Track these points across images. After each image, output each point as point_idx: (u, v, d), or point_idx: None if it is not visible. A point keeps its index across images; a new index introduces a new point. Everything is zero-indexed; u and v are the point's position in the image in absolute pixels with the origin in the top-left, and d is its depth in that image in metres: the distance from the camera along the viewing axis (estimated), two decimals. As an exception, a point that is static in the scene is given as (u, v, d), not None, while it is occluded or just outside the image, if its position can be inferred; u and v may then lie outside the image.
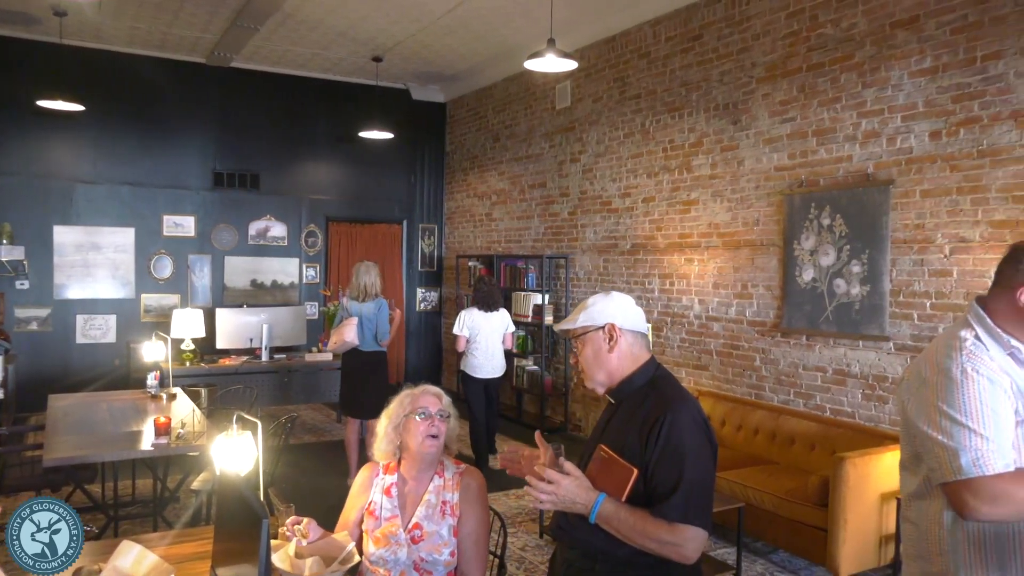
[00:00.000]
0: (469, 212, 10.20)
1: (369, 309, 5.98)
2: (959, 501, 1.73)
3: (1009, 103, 4.29)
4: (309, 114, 9.79)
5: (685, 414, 1.95)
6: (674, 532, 1.88)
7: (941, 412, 1.77)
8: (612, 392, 2.12)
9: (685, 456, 1.91)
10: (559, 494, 1.95)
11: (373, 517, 2.49)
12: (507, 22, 7.64)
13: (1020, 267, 1.82)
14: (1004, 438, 1.72)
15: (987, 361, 1.79)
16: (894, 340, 4.89)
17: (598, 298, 2.17)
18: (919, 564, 1.92)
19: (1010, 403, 1.76)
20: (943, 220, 4.63)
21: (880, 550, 4.28)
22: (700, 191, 6.42)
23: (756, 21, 5.88)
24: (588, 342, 2.11)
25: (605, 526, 1.94)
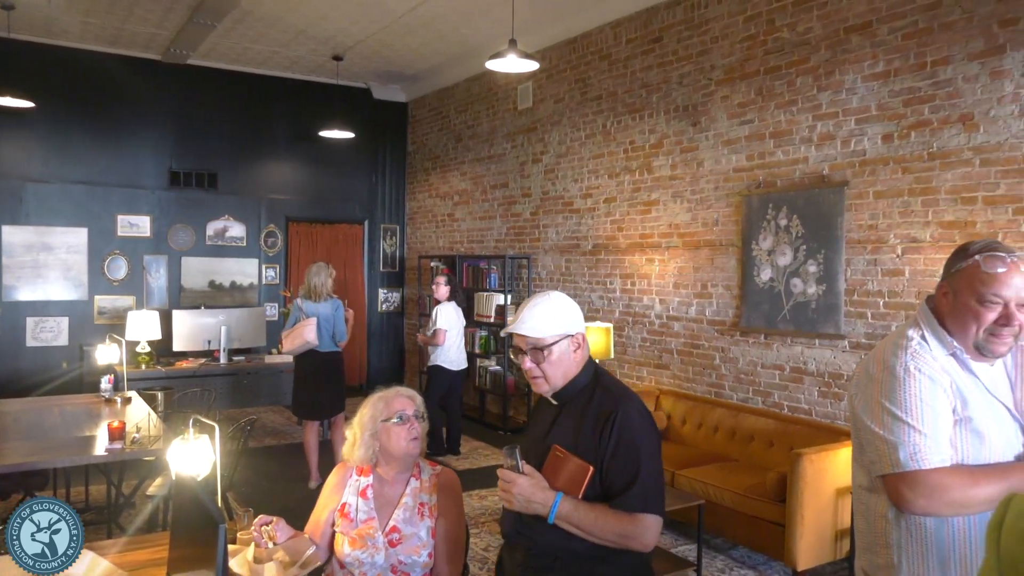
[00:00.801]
0: (431, 212, 10.17)
1: (326, 309, 5.98)
2: (896, 494, 1.79)
3: (957, 107, 4.42)
4: (268, 113, 9.66)
5: (634, 409, 2.04)
6: (635, 522, 1.96)
7: (883, 408, 1.83)
8: (558, 394, 2.13)
9: (640, 449, 1.99)
10: (515, 492, 1.98)
11: (347, 519, 2.47)
12: (468, 22, 7.63)
13: (948, 265, 1.90)
14: (941, 434, 1.78)
15: (930, 360, 1.84)
16: (849, 338, 5.00)
17: (560, 303, 2.14)
18: (868, 556, 1.98)
19: (949, 402, 1.81)
20: (895, 221, 4.74)
21: (836, 544, 4.37)
22: (660, 192, 6.48)
23: (715, 24, 5.96)
24: (558, 350, 2.09)
25: (564, 524, 1.98)
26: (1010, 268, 1.78)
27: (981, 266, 1.80)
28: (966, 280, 1.82)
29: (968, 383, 1.85)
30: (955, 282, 1.85)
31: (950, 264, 1.90)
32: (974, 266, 1.81)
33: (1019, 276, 1.79)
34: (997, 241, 1.90)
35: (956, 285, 1.85)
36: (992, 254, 1.81)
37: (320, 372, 5.99)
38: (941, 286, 1.90)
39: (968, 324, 1.82)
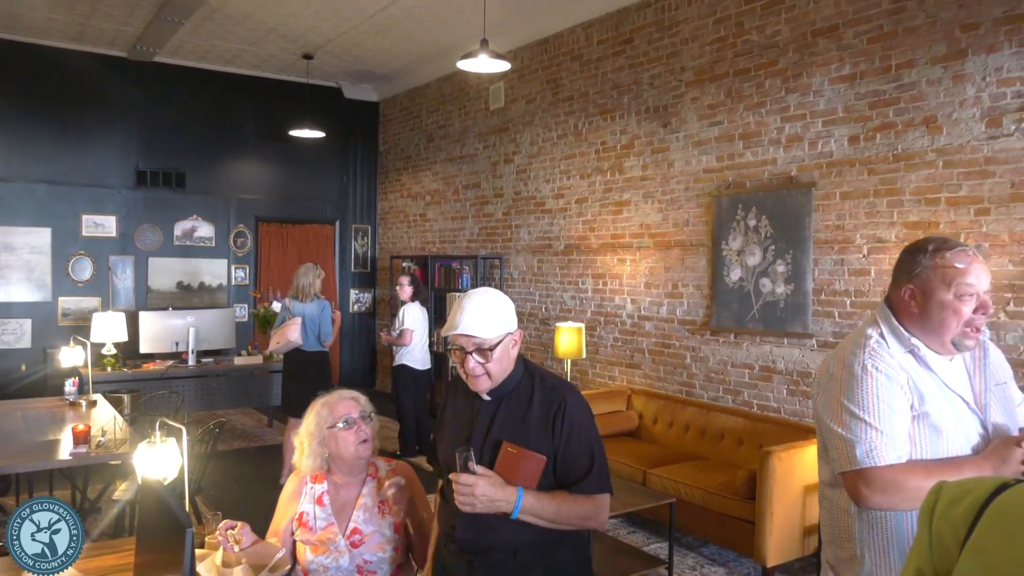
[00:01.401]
0: (403, 212, 10.13)
1: (312, 310, 6.11)
2: (854, 490, 1.84)
3: (921, 110, 4.50)
4: (237, 111, 9.56)
5: (578, 397, 2.14)
6: (595, 503, 2.08)
7: (842, 406, 1.88)
8: (492, 390, 2.11)
9: (591, 436, 2.11)
10: (478, 495, 1.97)
11: (306, 528, 2.44)
12: (440, 22, 7.61)
13: (905, 266, 1.93)
14: (897, 431, 1.82)
15: (887, 358, 1.88)
16: (817, 337, 5.07)
17: (497, 299, 2.11)
18: (833, 549, 2.03)
19: (906, 399, 1.85)
20: (861, 221, 4.82)
21: (804, 540, 4.42)
22: (632, 192, 6.52)
23: (685, 26, 6.01)
24: (501, 349, 2.06)
25: (529, 517, 2.01)
26: (973, 259, 1.85)
27: (950, 261, 1.84)
28: (938, 278, 1.85)
29: (926, 379, 1.89)
30: (924, 282, 1.87)
31: (908, 265, 1.91)
32: (942, 263, 1.85)
33: (981, 266, 1.86)
34: (946, 237, 1.95)
35: (926, 285, 1.87)
36: (958, 248, 1.86)
37: (306, 371, 6.11)
38: (905, 291, 1.91)
39: (948, 320, 1.85)
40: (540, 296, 7.61)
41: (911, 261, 1.91)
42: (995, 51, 4.17)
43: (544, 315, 7.56)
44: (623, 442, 5.81)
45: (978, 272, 1.84)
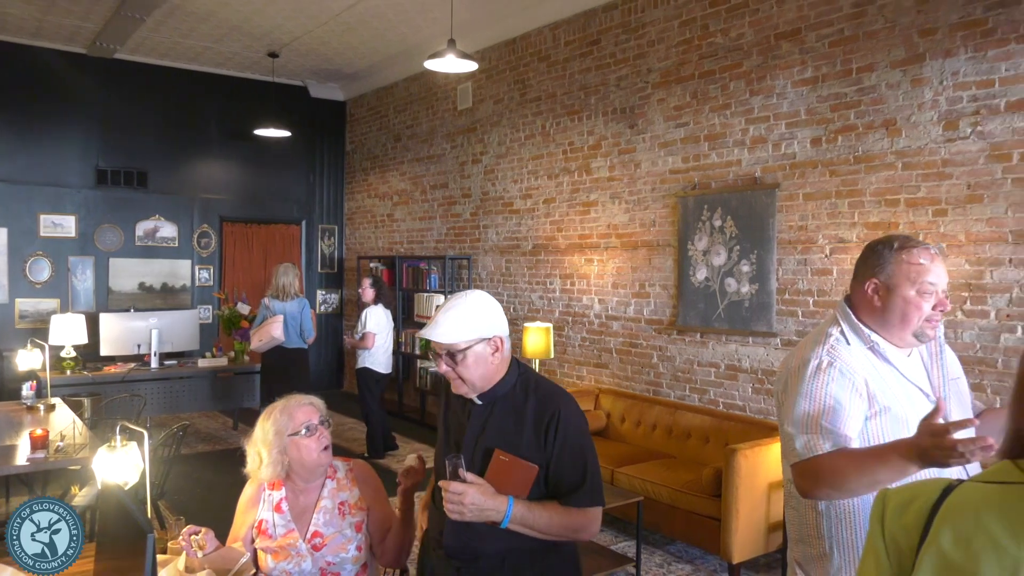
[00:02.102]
0: (370, 213, 10.06)
1: (293, 308, 6.42)
2: (797, 482, 1.89)
3: (881, 113, 4.59)
4: (201, 110, 9.42)
5: (573, 407, 2.07)
6: (586, 516, 2.02)
7: (793, 401, 1.92)
8: (484, 394, 2.08)
9: (585, 447, 2.04)
10: (468, 503, 1.92)
11: (265, 535, 2.41)
12: (407, 21, 7.58)
13: (869, 262, 1.98)
14: (840, 427, 1.85)
15: (845, 356, 1.93)
16: (781, 336, 5.14)
17: (475, 306, 2.06)
18: (801, 547, 2.04)
19: (859, 396, 1.89)
20: (824, 222, 4.90)
21: (769, 536, 4.48)
22: (599, 193, 6.55)
23: (651, 28, 6.05)
24: (472, 355, 2.02)
25: (518, 527, 1.97)
26: (935, 258, 1.92)
27: (914, 259, 1.90)
28: (901, 275, 1.91)
29: (887, 373, 1.93)
30: (889, 277, 1.92)
31: (872, 262, 1.96)
32: (907, 260, 1.91)
33: (941, 265, 1.93)
34: (908, 236, 2.00)
35: (890, 282, 1.92)
36: (923, 247, 1.93)
37: (287, 366, 6.40)
38: (869, 285, 1.96)
39: (910, 315, 1.91)
40: (508, 296, 7.61)
41: (876, 257, 1.96)
42: (951, 56, 4.27)
43: (512, 315, 7.56)
44: (591, 441, 5.82)
45: (939, 271, 1.91)
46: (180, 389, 7.53)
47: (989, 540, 1.13)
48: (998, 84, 4.09)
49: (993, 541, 1.13)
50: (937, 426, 1.59)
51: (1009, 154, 4.05)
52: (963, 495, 1.20)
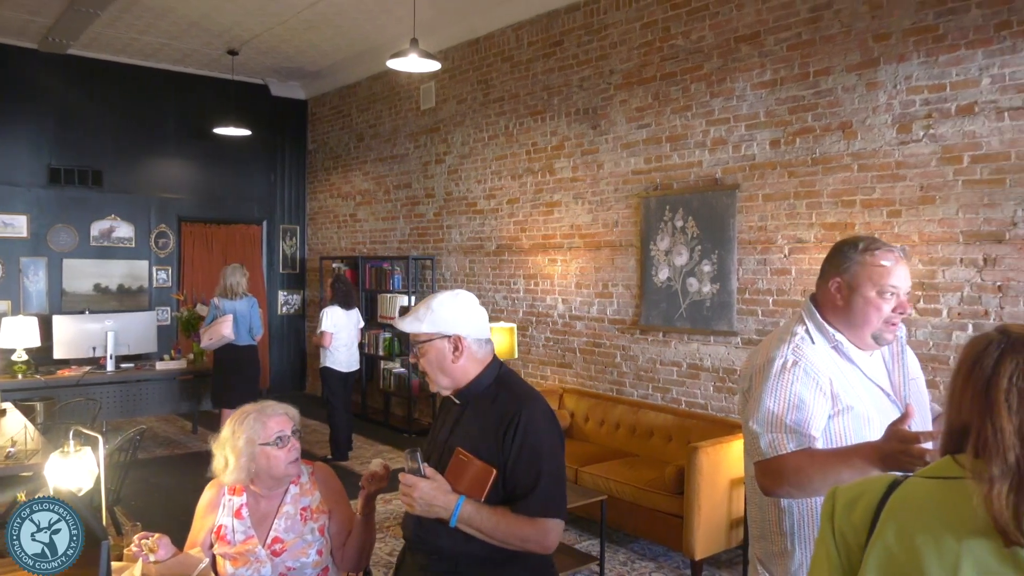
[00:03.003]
0: (332, 213, 9.97)
1: (243, 306, 6.58)
2: (760, 480, 1.91)
3: (837, 115, 4.68)
4: (158, 108, 9.23)
5: (537, 411, 2.02)
6: (536, 526, 1.95)
7: (758, 399, 1.94)
8: (459, 393, 2.11)
9: (542, 453, 1.98)
10: (416, 496, 1.95)
11: (224, 541, 2.36)
12: (370, 20, 7.53)
13: (835, 261, 2.01)
14: (804, 426, 1.88)
15: (810, 355, 1.95)
16: (741, 335, 5.21)
17: (446, 300, 2.11)
18: (762, 544, 2.06)
19: (822, 395, 1.91)
20: (783, 222, 4.98)
21: (730, 533, 4.54)
22: (562, 193, 6.58)
23: (613, 30, 6.09)
24: (432, 349, 2.06)
25: (466, 527, 1.96)
26: (897, 260, 1.95)
27: (877, 261, 1.93)
28: (864, 275, 1.93)
29: (850, 373, 1.96)
30: (852, 277, 1.95)
31: (838, 261, 2.00)
32: (871, 261, 1.94)
33: (905, 268, 1.96)
34: (875, 238, 2.04)
35: (853, 281, 1.95)
36: (885, 249, 1.96)
37: (237, 364, 6.59)
38: (833, 283, 1.99)
39: (870, 316, 1.93)
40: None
41: (841, 256, 1.99)
42: (905, 60, 4.37)
43: (476, 316, 7.54)
44: (555, 441, 5.84)
45: (901, 273, 1.94)
46: (137, 392, 7.39)
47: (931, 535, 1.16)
48: (949, 88, 4.20)
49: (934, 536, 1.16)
50: (907, 433, 1.62)
51: (960, 156, 4.16)
52: (907, 491, 1.23)
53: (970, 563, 1.12)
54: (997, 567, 1.11)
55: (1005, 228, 4.02)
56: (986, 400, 1.18)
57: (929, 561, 1.15)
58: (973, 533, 1.13)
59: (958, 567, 1.13)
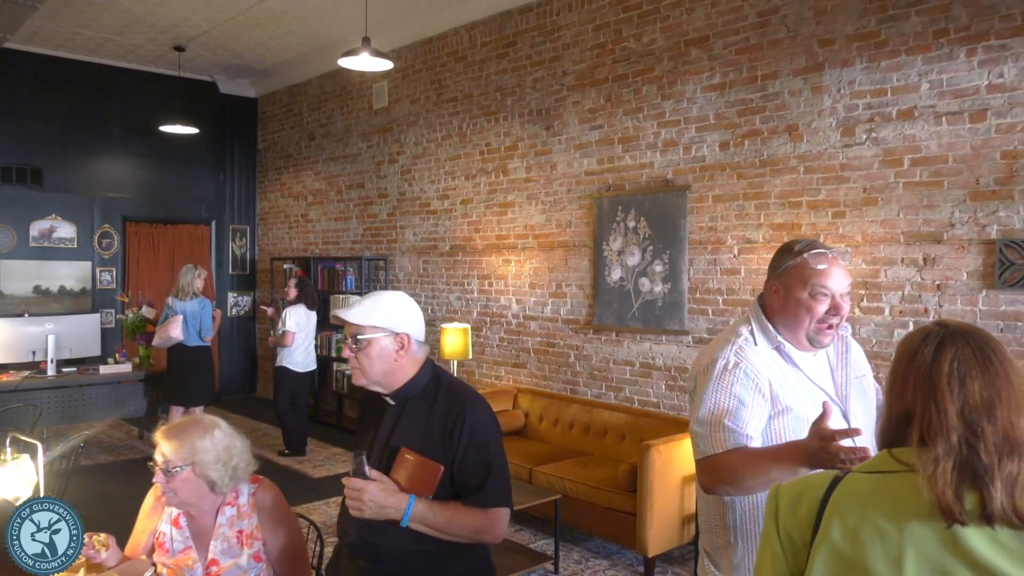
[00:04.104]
0: (284, 213, 9.82)
1: (193, 307, 6.63)
2: (700, 478, 1.97)
3: (784, 118, 4.78)
4: (102, 104, 8.98)
5: (480, 408, 2.08)
6: (489, 517, 2.02)
7: (700, 399, 1.99)
8: (395, 394, 2.12)
9: (490, 448, 2.05)
10: (366, 500, 1.94)
11: (163, 549, 2.29)
12: (320, 18, 7.44)
13: (773, 264, 2.07)
14: (742, 426, 1.93)
15: (751, 356, 2.00)
16: (692, 334, 5.29)
17: (394, 299, 2.14)
18: (709, 537, 2.12)
19: (761, 397, 1.96)
20: (732, 223, 5.06)
21: (683, 529, 4.61)
22: (516, 194, 6.59)
23: (566, 32, 6.13)
24: (376, 343, 2.06)
25: (419, 526, 1.97)
26: (831, 263, 1.98)
27: (809, 263, 1.97)
28: (796, 276, 1.98)
29: (790, 375, 2.01)
30: (785, 279, 2.00)
31: (776, 263, 2.05)
32: (802, 263, 1.98)
33: (840, 269, 1.99)
34: (816, 240, 2.09)
35: (787, 282, 2.00)
36: (818, 251, 1.99)
37: (185, 364, 6.67)
38: (771, 284, 2.04)
39: (802, 317, 1.98)
40: (426, 297, 7.57)
41: (780, 259, 2.04)
42: (848, 65, 4.49)
43: (430, 316, 7.52)
44: (510, 441, 5.86)
45: (835, 275, 1.97)
46: (80, 398, 7.16)
47: (874, 529, 1.20)
48: (890, 93, 4.33)
49: (878, 529, 1.19)
50: (825, 431, 1.67)
51: (900, 159, 4.29)
52: (848, 487, 1.27)
53: (913, 553, 1.16)
54: (938, 555, 1.15)
55: (943, 229, 4.16)
56: (929, 385, 1.23)
57: (874, 554, 1.18)
58: (914, 524, 1.17)
59: (902, 558, 1.16)
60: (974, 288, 4.06)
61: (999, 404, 1.18)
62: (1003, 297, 3.95)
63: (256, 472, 2.36)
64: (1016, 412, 1.18)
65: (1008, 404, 1.18)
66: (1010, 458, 1.14)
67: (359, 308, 2.08)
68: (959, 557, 1.13)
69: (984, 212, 4.01)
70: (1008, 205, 3.93)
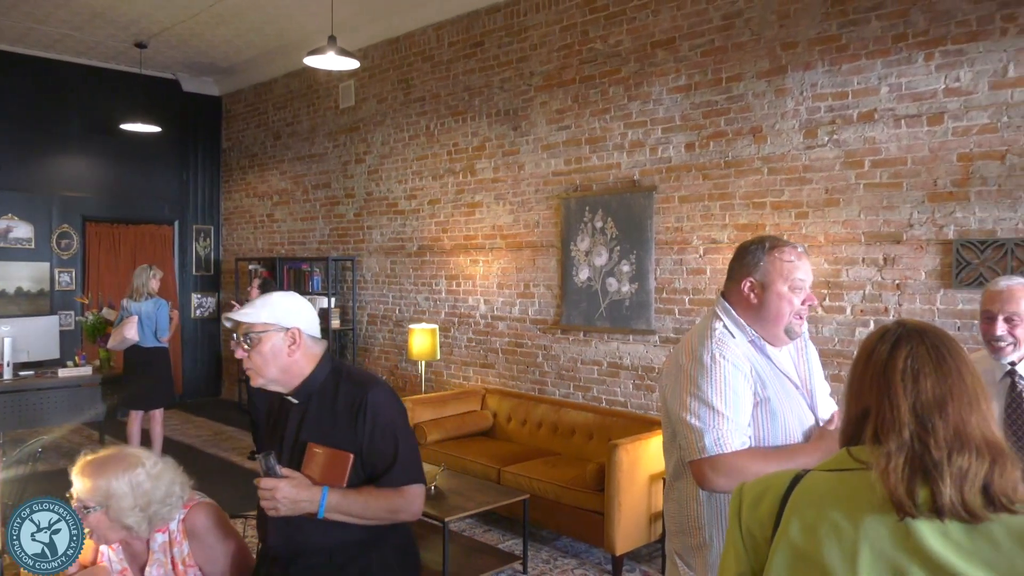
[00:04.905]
0: (249, 213, 9.70)
1: (148, 308, 6.50)
2: (701, 475, 1.96)
3: (748, 120, 4.84)
4: (61, 101, 8.78)
5: (381, 390, 2.11)
6: (403, 495, 2.06)
7: (692, 395, 1.99)
8: (296, 392, 2.13)
9: (396, 427, 2.08)
10: (280, 498, 1.97)
11: (103, 569, 2.22)
12: (285, 16, 7.36)
13: (743, 263, 2.09)
14: (742, 417, 1.96)
15: (732, 348, 2.02)
16: (659, 333, 5.33)
17: (283, 296, 2.16)
18: (680, 539, 2.11)
19: (749, 387, 2.00)
20: (698, 223, 5.12)
21: (650, 527, 4.64)
22: (484, 194, 6.59)
23: (533, 32, 6.14)
24: (267, 340, 2.07)
25: (335, 515, 2.00)
26: (800, 256, 2.07)
27: (785, 257, 2.04)
28: (775, 272, 2.03)
29: (764, 366, 2.04)
30: (764, 275, 2.04)
31: (748, 261, 2.07)
32: (778, 259, 2.04)
33: (808, 262, 2.09)
34: (777, 237, 2.14)
35: (765, 279, 2.03)
36: (791, 247, 2.07)
37: (142, 366, 6.51)
38: (745, 284, 2.06)
39: (783, 310, 2.02)
40: (394, 298, 7.53)
41: (750, 257, 2.07)
42: (810, 68, 4.56)
43: (398, 317, 7.49)
44: (478, 441, 5.85)
45: (806, 268, 2.06)
46: (39, 401, 6.99)
47: (831, 526, 1.22)
48: (851, 96, 4.40)
49: (834, 526, 1.22)
50: None
51: (861, 161, 4.37)
52: (808, 485, 1.29)
53: (867, 548, 1.18)
54: (891, 550, 1.17)
55: (902, 229, 4.24)
56: (884, 382, 1.26)
57: (830, 549, 1.21)
58: (869, 520, 1.19)
59: (856, 553, 1.19)
60: (932, 287, 4.15)
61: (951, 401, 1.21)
62: (960, 296, 4.05)
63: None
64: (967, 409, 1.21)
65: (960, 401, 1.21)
66: (960, 453, 1.17)
67: (248, 308, 2.10)
68: (911, 552, 1.16)
69: (941, 213, 4.11)
70: (964, 206, 4.03)
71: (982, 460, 1.16)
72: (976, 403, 1.22)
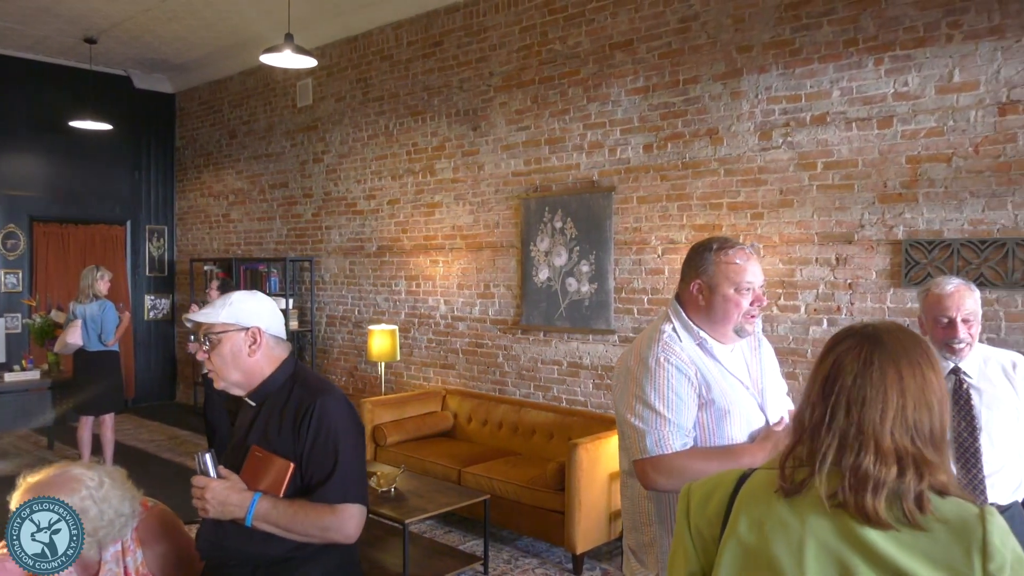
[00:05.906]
0: (204, 213, 9.52)
1: (92, 311, 6.30)
2: (643, 475, 1.99)
3: (705, 122, 4.91)
4: (6, 97, 8.51)
5: (332, 401, 1.99)
6: (336, 513, 1.92)
7: (636, 397, 2.02)
8: (252, 394, 2.07)
9: (338, 440, 1.95)
10: (208, 498, 1.90)
11: None
12: (239, 12, 7.24)
13: (693, 263, 2.12)
14: (684, 420, 1.99)
15: (678, 352, 2.05)
16: (618, 333, 5.37)
17: (245, 295, 2.10)
18: (634, 535, 2.14)
19: (694, 390, 2.02)
20: (656, 224, 5.17)
21: (610, 525, 4.67)
22: (443, 194, 6.57)
23: (493, 33, 6.14)
24: (227, 341, 2.01)
25: (264, 525, 1.91)
26: (749, 258, 2.07)
27: (732, 259, 2.04)
28: (721, 275, 2.04)
29: (713, 368, 2.06)
30: (710, 277, 2.05)
31: (697, 262, 2.10)
32: (726, 261, 2.05)
33: (757, 263, 2.09)
34: (727, 238, 2.16)
35: (712, 281, 2.05)
36: (739, 248, 2.08)
37: (89, 370, 6.36)
38: (694, 285, 2.08)
39: (731, 311, 2.04)
40: (353, 299, 7.46)
41: (698, 259, 2.09)
42: (765, 72, 4.63)
43: (357, 318, 7.42)
44: (438, 442, 5.83)
45: (754, 269, 2.07)
46: (-17, 407, 6.78)
47: (777, 521, 1.25)
48: (804, 99, 4.49)
49: (781, 521, 1.25)
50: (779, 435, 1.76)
51: (814, 163, 4.46)
52: (755, 483, 1.32)
53: (813, 543, 1.21)
54: (836, 545, 1.20)
55: (854, 230, 4.34)
56: (811, 378, 1.31)
57: (777, 544, 1.23)
58: (813, 516, 1.22)
59: (803, 548, 1.21)
60: (883, 286, 4.26)
61: (864, 404, 1.22)
62: (908, 295, 4.15)
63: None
64: (886, 416, 1.21)
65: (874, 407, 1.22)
66: (855, 453, 1.20)
67: (208, 308, 2.04)
68: (855, 547, 1.19)
69: (891, 214, 4.21)
70: (913, 207, 4.13)
71: (884, 466, 1.18)
72: (903, 414, 1.21)
